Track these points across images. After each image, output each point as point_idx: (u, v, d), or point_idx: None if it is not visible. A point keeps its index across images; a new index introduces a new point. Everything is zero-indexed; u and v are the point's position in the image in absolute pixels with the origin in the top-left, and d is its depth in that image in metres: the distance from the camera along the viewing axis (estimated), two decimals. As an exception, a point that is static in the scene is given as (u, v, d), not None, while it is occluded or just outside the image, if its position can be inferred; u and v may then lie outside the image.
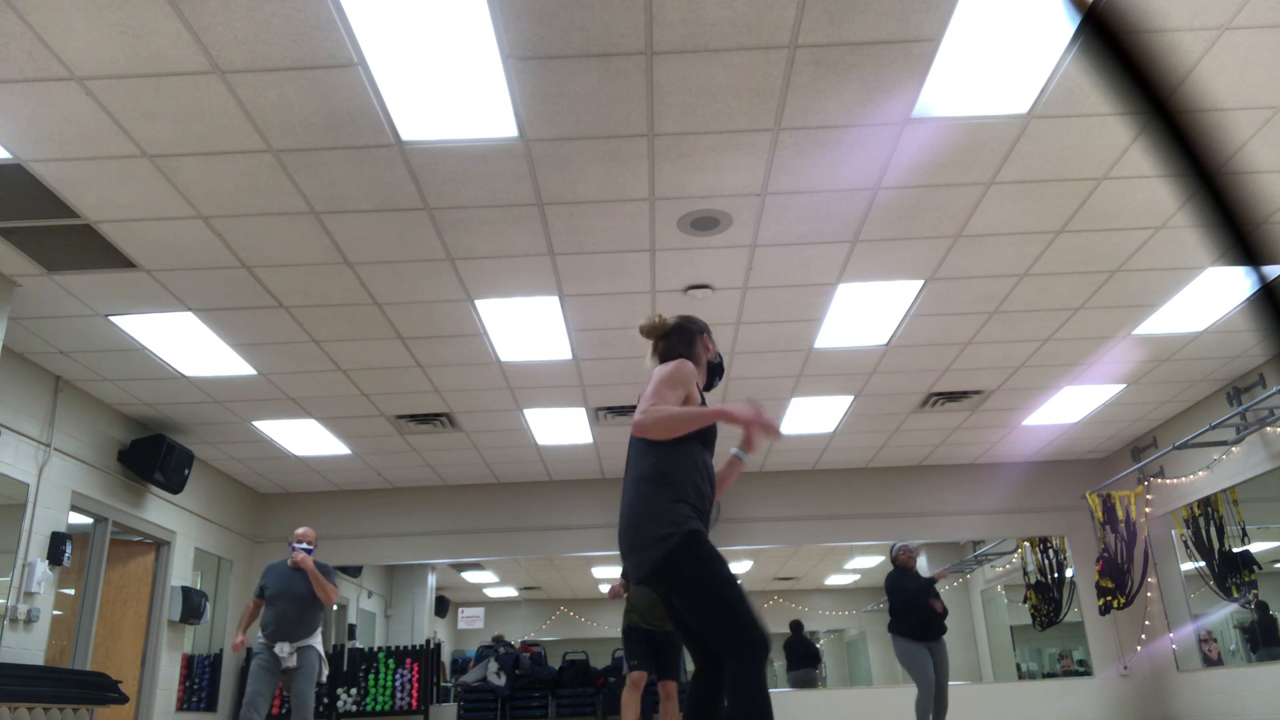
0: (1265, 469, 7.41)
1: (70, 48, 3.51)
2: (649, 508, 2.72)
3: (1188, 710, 8.71)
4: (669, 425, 2.69)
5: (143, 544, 8.22)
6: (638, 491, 2.77)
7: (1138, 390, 7.88)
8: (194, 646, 8.85)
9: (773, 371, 7.14)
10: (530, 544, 10.15)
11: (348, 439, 8.46)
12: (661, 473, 2.76)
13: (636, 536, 2.72)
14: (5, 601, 6.14)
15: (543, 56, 3.67)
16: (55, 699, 5.55)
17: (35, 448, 6.52)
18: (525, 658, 9.67)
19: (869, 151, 4.41)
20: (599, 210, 4.83)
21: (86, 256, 5.08)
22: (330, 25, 3.45)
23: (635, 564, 2.72)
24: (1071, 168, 4.61)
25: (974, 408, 8.20)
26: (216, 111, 3.91)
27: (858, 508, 10.09)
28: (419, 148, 4.22)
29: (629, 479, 2.83)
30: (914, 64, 3.80)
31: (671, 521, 2.68)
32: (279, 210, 4.70)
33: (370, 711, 9.38)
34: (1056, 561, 10.17)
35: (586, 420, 8.21)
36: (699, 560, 2.65)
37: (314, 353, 6.50)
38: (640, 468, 2.80)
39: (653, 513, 2.71)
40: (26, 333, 6.03)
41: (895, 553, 7.18)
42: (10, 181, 4.34)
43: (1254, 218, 0.74)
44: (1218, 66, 3.89)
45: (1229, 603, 8.00)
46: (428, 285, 5.57)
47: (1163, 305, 6.19)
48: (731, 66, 3.77)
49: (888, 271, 5.63)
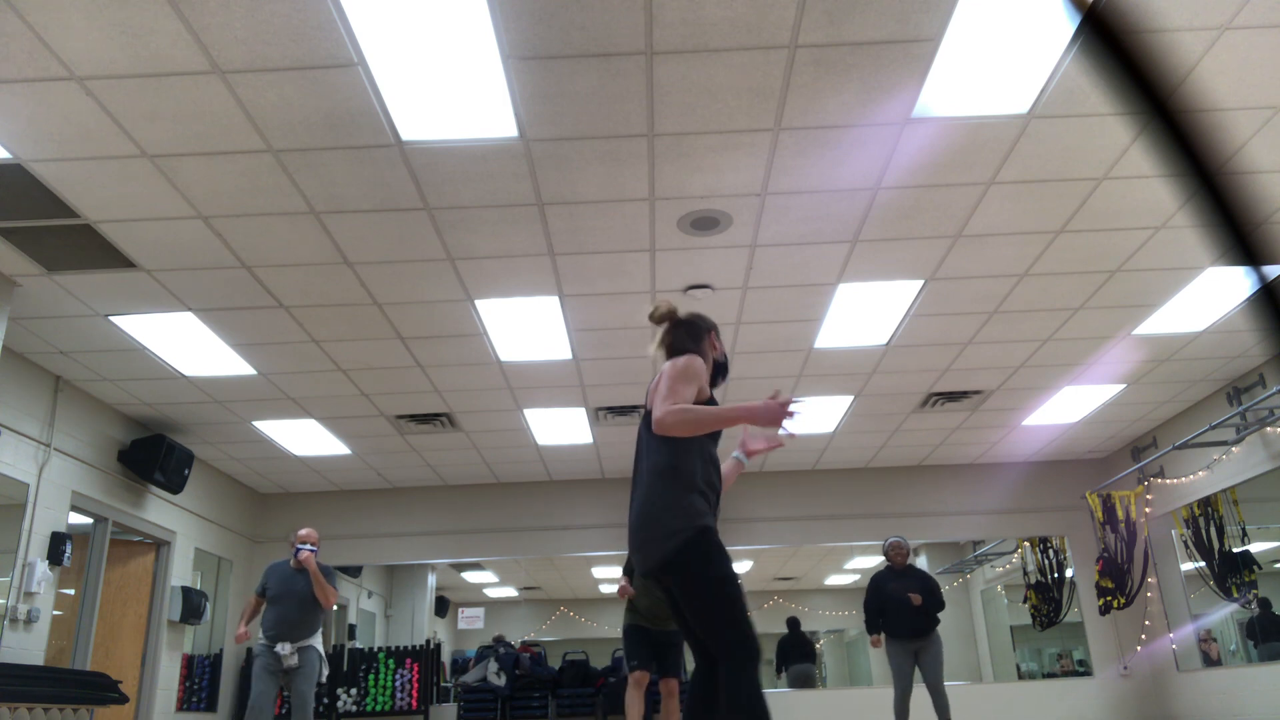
0: (1265, 469, 7.41)
1: (70, 48, 3.51)
2: (663, 500, 2.74)
3: (1188, 710, 8.71)
4: (693, 425, 2.69)
5: (143, 544, 8.22)
6: (650, 485, 2.79)
7: (1138, 390, 7.88)
8: (194, 646, 8.85)
9: (773, 371, 7.14)
10: (530, 544, 10.15)
11: (348, 439, 8.46)
12: (674, 466, 2.77)
13: (650, 529, 2.73)
14: (5, 601, 6.14)
15: (543, 56, 3.67)
16: (55, 699, 5.55)
17: (35, 448, 6.52)
18: (525, 658, 9.67)
19: (869, 151, 4.41)
20: (599, 210, 4.83)
21: (86, 256, 5.08)
22: (330, 25, 3.45)
23: (645, 555, 2.74)
24: (1071, 168, 4.61)
25: (974, 408, 8.20)
26: (216, 111, 3.91)
27: (858, 508, 10.09)
28: (419, 148, 4.22)
29: (641, 471, 2.85)
30: (914, 64, 3.80)
31: (685, 515, 2.70)
32: (279, 210, 4.70)
33: (370, 711, 9.38)
34: (1056, 561, 10.17)
35: (586, 420, 8.21)
36: (708, 557, 2.66)
37: (314, 353, 6.50)
38: (652, 460, 2.82)
39: (666, 506, 2.73)
40: (26, 333, 6.03)
41: (886, 548, 7.12)
42: (10, 181, 4.34)
43: (1254, 218, 0.74)
44: (1218, 66, 3.89)
45: (1229, 603, 8.00)
46: (428, 285, 5.57)
47: (1163, 305, 6.19)
48: (731, 66, 3.77)
49: (888, 271, 5.63)
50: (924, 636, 6.77)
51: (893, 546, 7.08)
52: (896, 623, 6.81)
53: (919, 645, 6.77)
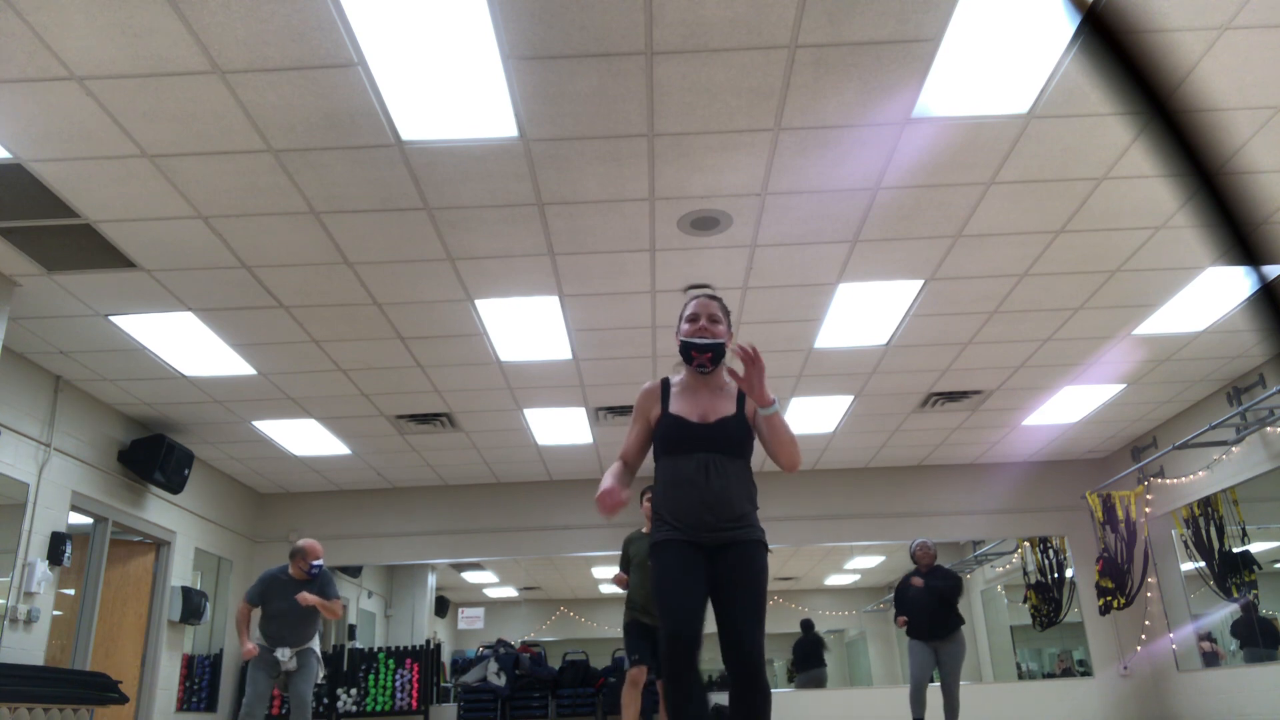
0: (1265, 469, 7.41)
1: (70, 48, 3.51)
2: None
3: (1188, 710, 8.71)
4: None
5: (143, 544, 8.22)
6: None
7: (1138, 390, 7.88)
8: (194, 646, 8.85)
9: (773, 371, 7.14)
10: (530, 544, 10.15)
11: (348, 439, 8.46)
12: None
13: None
14: (5, 601, 6.14)
15: (543, 56, 3.67)
16: (55, 699, 5.55)
17: (35, 448, 6.52)
18: (525, 658, 9.66)
19: (869, 151, 4.41)
20: (599, 210, 4.83)
21: (86, 256, 5.08)
22: (330, 25, 3.45)
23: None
24: (1071, 168, 4.61)
25: (974, 408, 8.20)
26: (216, 111, 3.91)
27: (858, 508, 10.09)
28: (419, 148, 4.22)
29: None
30: (914, 64, 3.80)
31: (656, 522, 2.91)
32: (279, 210, 4.70)
33: (370, 712, 9.38)
34: (1056, 561, 10.16)
35: (586, 420, 8.21)
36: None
37: (314, 353, 6.50)
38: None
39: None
40: (26, 333, 6.03)
41: (914, 549, 7.20)
42: (10, 181, 4.34)
43: (1254, 218, 0.74)
44: (1218, 66, 3.89)
45: (1229, 603, 8.00)
46: (428, 285, 5.57)
47: (1163, 305, 6.19)
48: (731, 66, 3.77)
49: (888, 271, 5.63)
50: (945, 637, 6.84)
51: (920, 547, 7.17)
52: (917, 623, 6.90)
53: (938, 644, 6.85)
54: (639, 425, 3.01)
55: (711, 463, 2.81)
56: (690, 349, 2.93)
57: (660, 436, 2.93)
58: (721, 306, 3.02)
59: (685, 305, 3.02)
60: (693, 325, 2.95)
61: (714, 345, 2.92)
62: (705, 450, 2.83)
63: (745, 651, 2.69)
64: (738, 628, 2.72)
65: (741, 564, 2.78)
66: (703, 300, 3.00)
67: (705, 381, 2.98)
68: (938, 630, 6.83)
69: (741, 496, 2.84)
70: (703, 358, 2.92)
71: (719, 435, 2.86)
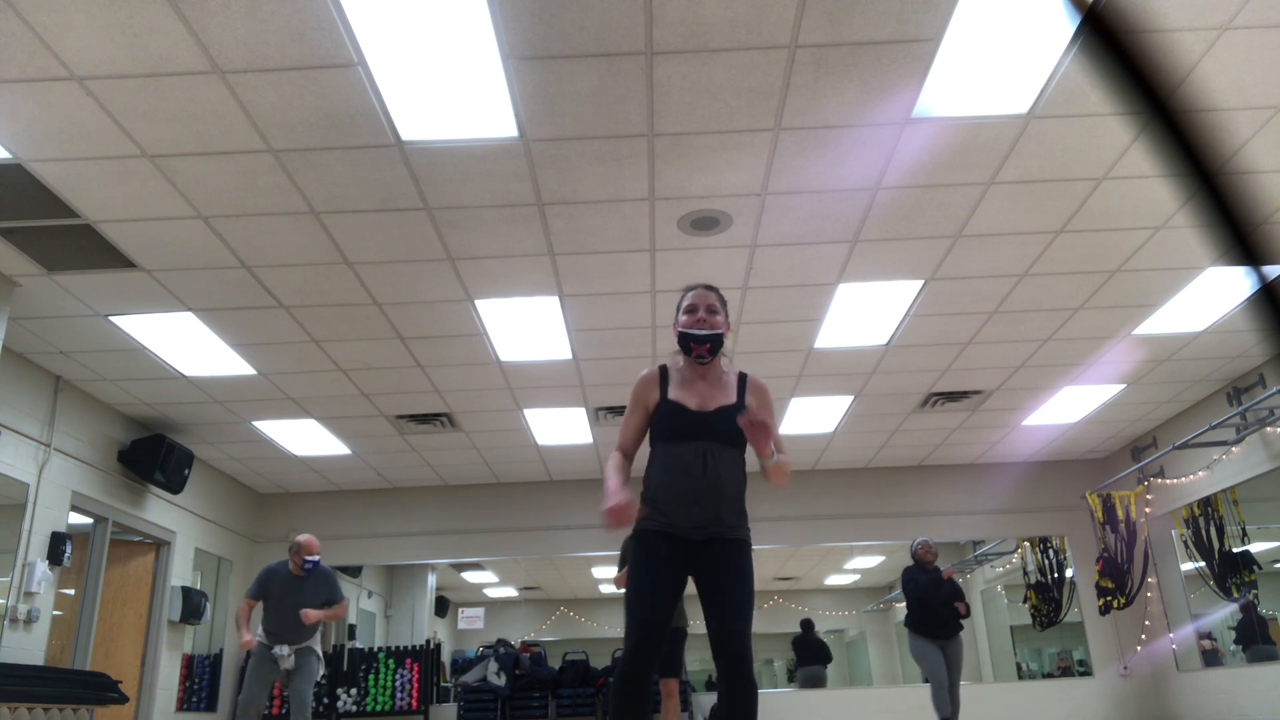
0: (1265, 469, 7.41)
1: (70, 48, 3.51)
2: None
3: (1188, 710, 8.71)
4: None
5: (143, 544, 8.22)
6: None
7: (1138, 390, 7.88)
8: (194, 646, 8.85)
9: (773, 371, 7.14)
10: (530, 544, 10.15)
11: (348, 439, 8.46)
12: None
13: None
14: (5, 601, 6.14)
15: (543, 56, 3.67)
16: (55, 699, 5.55)
17: (35, 448, 6.52)
18: (525, 658, 9.66)
19: (869, 151, 4.41)
20: (599, 210, 4.83)
21: (86, 256, 5.08)
22: (330, 25, 3.45)
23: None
24: (1071, 168, 4.61)
25: (974, 408, 8.20)
26: (216, 111, 3.91)
27: (858, 508, 10.09)
28: (419, 148, 4.22)
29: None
30: (914, 64, 3.80)
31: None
32: (279, 210, 4.70)
33: (370, 711, 9.38)
34: (1056, 561, 10.16)
35: (586, 420, 8.21)
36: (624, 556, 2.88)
37: (314, 353, 6.50)
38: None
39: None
40: (26, 333, 6.03)
41: (915, 547, 7.21)
42: (10, 181, 4.34)
43: (1254, 218, 0.74)
44: (1218, 66, 3.89)
45: (1229, 603, 8.00)
46: (428, 285, 5.57)
47: (1163, 305, 6.19)
48: (731, 66, 3.77)
49: (888, 271, 5.63)
50: (951, 636, 6.88)
51: (922, 545, 7.19)
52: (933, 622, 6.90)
53: (944, 643, 6.88)
54: (638, 413, 2.99)
55: (709, 451, 2.83)
56: (689, 340, 2.93)
57: (659, 423, 2.93)
58: (719, 297, 3.02)
59: (682, 297, 3.03)
60: (691, 317, 2.96)
61: (712, 336, 2.92)
62: (704, 438, 2.85)
63: (734, 647, 2.70)
64: (726, 623, 2.73)
65: (728, 561, 2.80)
66: (700, 291, 3.01)
67: (703, 372, 2.98)
68: (949, 627, 6.87)
69: (733, 488, 2.86)
70: (701, 348, 2.92)
71: (717, 423, 2.87)
